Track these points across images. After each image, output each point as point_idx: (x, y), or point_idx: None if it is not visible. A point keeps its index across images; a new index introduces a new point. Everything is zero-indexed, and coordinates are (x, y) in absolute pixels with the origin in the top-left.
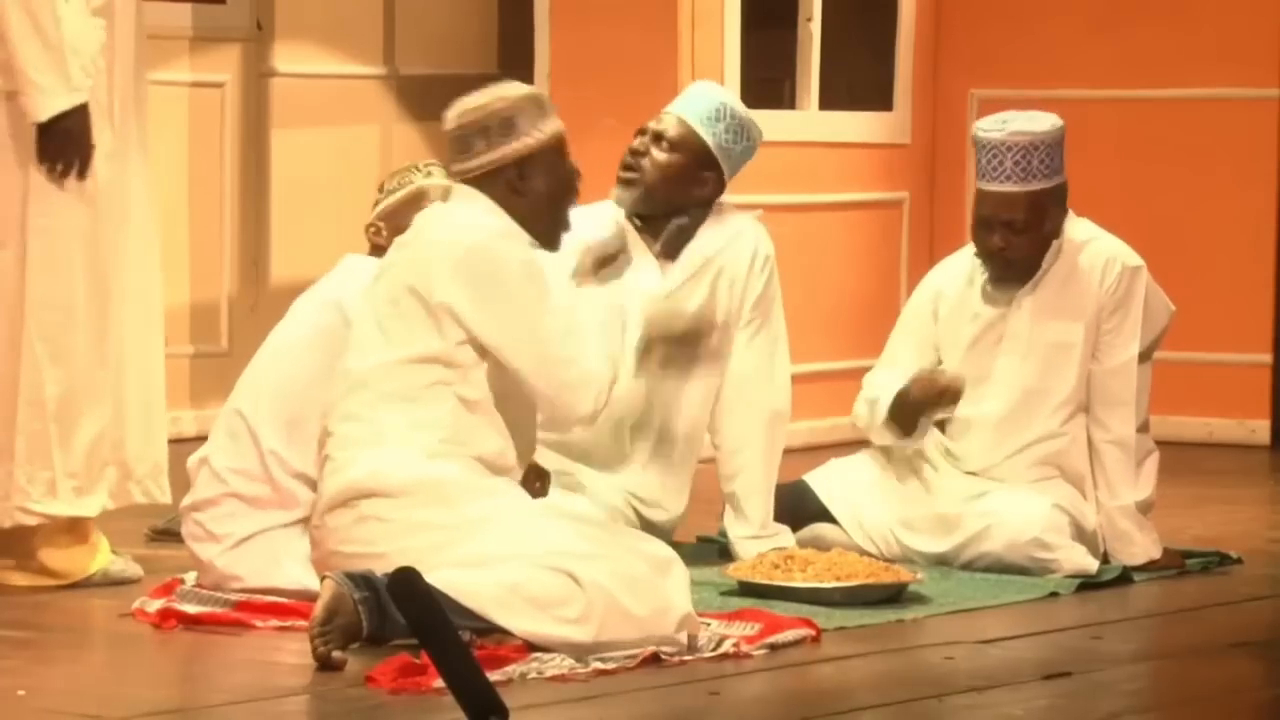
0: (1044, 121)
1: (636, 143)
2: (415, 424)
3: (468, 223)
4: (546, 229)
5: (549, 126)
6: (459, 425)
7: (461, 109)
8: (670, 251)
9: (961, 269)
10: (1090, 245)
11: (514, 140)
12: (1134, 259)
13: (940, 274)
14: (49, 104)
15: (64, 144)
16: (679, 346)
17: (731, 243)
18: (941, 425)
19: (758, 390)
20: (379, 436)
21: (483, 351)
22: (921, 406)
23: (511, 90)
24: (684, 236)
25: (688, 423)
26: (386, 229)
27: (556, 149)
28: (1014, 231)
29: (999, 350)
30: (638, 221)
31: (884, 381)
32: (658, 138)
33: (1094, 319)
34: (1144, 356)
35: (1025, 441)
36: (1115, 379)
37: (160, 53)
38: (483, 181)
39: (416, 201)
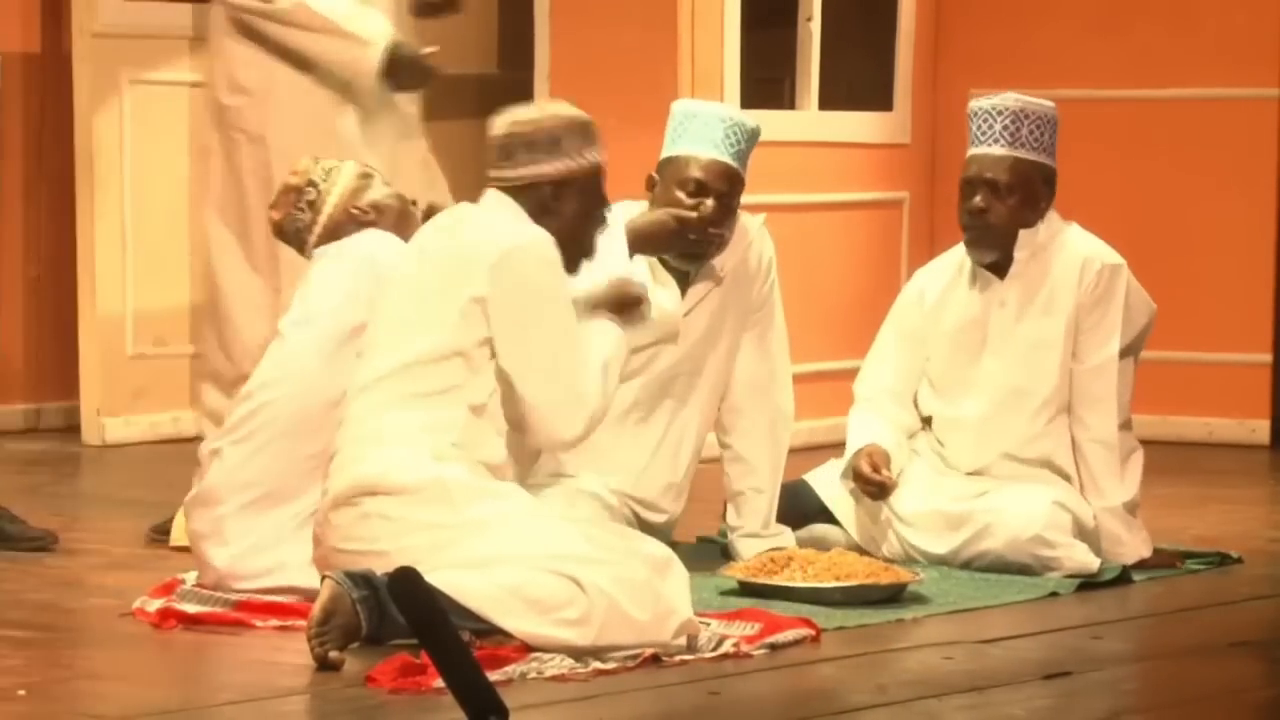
0: (1038, 100)
1: (710, 211)
2: (426, 426)
3: (512, 227)
4: (568, 252)
5: (591, 155)
6: (468, 431)
7: (513, 119)
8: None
9: (947, 267)
10: (1072, 245)
11: (557, 160)
12: (1114, 257)
13: (925, 274)
14: (368, 69)
15: (409, 78)
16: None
17: (736, 248)
18: (929, 423)
19: (766, 392)
20: (389, 436)
21: (494, 353)
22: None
23: (563, 111)
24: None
25: (688, 426)
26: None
27: (594, 178)
28: (996, 194)
29: (983, 351)
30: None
31: (861, 420)
32: (720, 196)
33: (1073, 317)
34: (1125, 354)
35: (1009, 442)
36: (1096, 377)
37: (160, 53)
38: (517, 193)
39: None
